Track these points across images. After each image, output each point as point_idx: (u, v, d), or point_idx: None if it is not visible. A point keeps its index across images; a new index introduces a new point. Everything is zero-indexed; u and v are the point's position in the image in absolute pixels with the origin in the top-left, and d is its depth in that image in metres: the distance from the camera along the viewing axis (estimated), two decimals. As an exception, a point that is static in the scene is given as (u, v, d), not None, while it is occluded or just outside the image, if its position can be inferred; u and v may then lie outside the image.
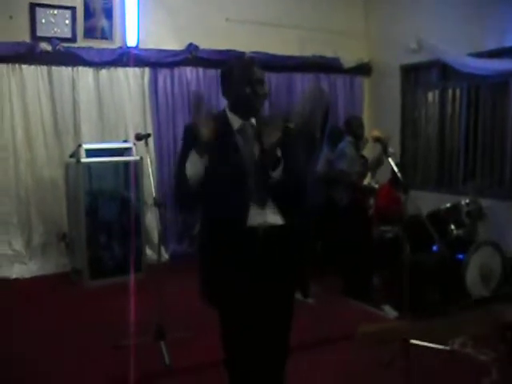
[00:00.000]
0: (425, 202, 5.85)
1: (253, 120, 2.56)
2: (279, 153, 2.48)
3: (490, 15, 6.34)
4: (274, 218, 2.51)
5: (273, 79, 7.57)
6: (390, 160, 3.88)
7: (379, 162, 5.28)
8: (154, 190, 4.10)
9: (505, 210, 6.15)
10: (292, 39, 7.59)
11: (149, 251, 6.48)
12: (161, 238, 4.82)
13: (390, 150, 4.02)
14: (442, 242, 5.29)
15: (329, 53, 7.90)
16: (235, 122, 2.55)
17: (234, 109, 2.57)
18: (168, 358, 3.81)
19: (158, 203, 4.05)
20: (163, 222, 5.98)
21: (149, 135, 4.37)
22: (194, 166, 2.42)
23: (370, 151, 6.24)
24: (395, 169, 3.82)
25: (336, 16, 7.94)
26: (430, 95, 7.54)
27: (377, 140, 4.08)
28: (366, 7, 8.32)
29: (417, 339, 4.00)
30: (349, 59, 8.09)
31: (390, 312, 5.01)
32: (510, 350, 2.26)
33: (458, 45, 6.64)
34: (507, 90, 6.45)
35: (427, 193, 6.93)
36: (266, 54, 7.35)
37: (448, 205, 5.60)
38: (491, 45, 6.39)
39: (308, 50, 7.72)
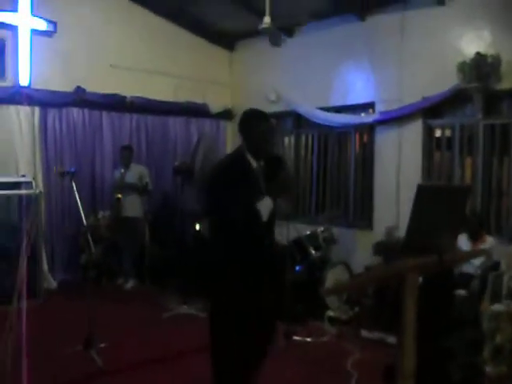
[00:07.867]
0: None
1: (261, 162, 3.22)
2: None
3: (336, 78, 7.80)
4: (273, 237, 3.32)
5: (149, 121, 8.45)
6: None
7: None
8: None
9: (351, 235, 7.52)
10: (167, 86, 8.44)
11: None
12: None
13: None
14: (304, 263, 6.53)
15: (198, 99, 8.87)
16: (252, 162, 3.22)
17: (251, 151, 3.22)
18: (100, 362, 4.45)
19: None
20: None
21: (73, 173, 4.92)
22: (268, 206, 3.09)
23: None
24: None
25: (205, 66, 8.95)
26: (286, 140, 8.84)
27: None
28: (230, 59, 9.46)
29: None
30: (215, 105, 9.13)
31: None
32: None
33: (310, 100, 8.04)
34: (349, 139, 7.95)
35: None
36: (144, 99, 8.21)
37: (308, 232, 6.81)
38: (336, 102, 7.85)
39: (181, 96, 8.61)
